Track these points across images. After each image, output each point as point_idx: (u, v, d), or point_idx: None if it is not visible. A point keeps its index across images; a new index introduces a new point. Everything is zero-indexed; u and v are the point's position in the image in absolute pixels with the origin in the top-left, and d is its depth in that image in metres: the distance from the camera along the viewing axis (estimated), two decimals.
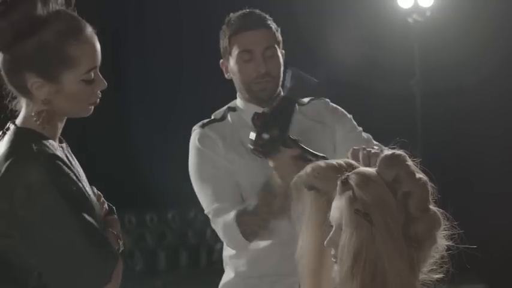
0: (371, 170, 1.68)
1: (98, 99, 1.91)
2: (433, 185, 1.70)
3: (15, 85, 1.86)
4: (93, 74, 1.86)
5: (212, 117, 2.66)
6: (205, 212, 2.60)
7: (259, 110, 2.53)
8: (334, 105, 2.74)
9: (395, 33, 8.02)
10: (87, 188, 1.89)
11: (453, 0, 7.94)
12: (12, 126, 1.87)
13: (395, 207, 1.63)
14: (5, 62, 1.84)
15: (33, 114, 1.84)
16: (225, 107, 2.69)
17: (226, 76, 2.66)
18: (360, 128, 2.71)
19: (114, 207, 2.04)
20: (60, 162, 1.81)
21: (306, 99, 2.71)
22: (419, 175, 1.69)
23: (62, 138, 1.95)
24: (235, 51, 2.57)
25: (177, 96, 8.07)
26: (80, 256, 1.76)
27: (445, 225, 1.71)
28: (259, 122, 2.41)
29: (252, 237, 2.52)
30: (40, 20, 1.80)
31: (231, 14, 2.64)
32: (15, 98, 1.90)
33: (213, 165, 2.57)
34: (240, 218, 2.48)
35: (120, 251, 1.93)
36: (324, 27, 7.99)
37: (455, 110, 7.74)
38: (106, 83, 1.89)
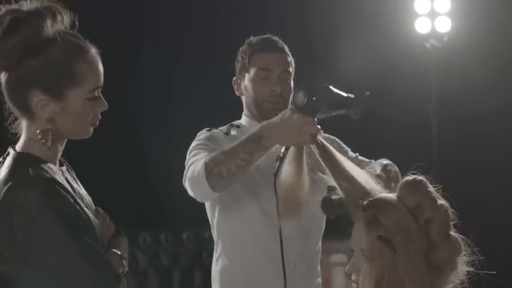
0: (392, 196, 1.69)
1: (98, 121, 1.91)
2: (453, 211, 1.71)
3: (18, 105, 1.86)
4: (96, 94, 1.88)
5: (216, 129, 2.70)
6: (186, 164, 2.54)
7: None
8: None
9: (413, 58, 8.03)
10: (87, 211, 1.87)
11: (471, 25, 7.95)
12: (11, 151, 1.88)
13: (417, 234, 1.64)
14: (10, 81, 1.84)
15: (38, 132, 1.84)
16: (227, 124, 2.74)
17: (237, 93, 2.74)
18: (348, 148, 2.79)
19: (121, 228, 2.04)
20: (57, 186, 1.80)
21: None
22: (441, 201, 1.69)
23: (62, 161, 1.95)
24: (253, 69, 2.66)
25: (196, 116, 8.10)
26: (81, 279, 1.75)
27: (466, 251, 1.72)
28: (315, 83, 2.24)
29: (215, 180, 2.32)
30: (49, 37, 1.82)
31: (252, 37, 2.75)
32: (15, 120, 1.90)
33: (215, 142, 2.57)
34: (210, 157, 2.35)
35: (124, 272, 1.92)
36: (340, 52, 8.01)
37: (472, 137, 7.72)
38: (107, 105, 1.91)
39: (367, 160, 2.74)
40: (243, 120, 2.74)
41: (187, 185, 2.50)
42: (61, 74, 1.82)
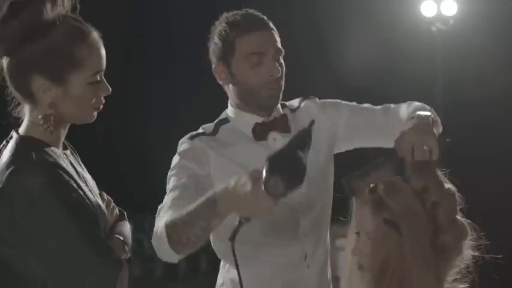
0: (399, 180, 1.68)
1: (101, 105, 1.91)
2: (460, 195, 1.70)
3: (20, 90, 1.85)
4: (98, 78, 1.87)
5: (201, 131, 2.37)
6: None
7: (256, 119, 2.32)
8: (322, 101, 2.48)
9: (419, 42, 8.01)
10: (90, 195, 1.87)
11: (477, 8, 7.91)
12: (14, 135, 1.87)
13: (423, 217, 1.63)
14: (11, 66, 1.83)
15: (40, 117, 1.84)
16: (215, 122, 2.40)
17: (220, 82, 2.37)
18: (354, 103, 2.47)
19: (125, 212, 2.03)
20: (60, 171, 1.80)
21: (295, 102, 2.48)
22: (448, 185, 1.69)
23: (66, 144, 1.95)
24: (241, 54, 2.29)
25: (200, 101, 8.10)
26: (82, 264, 1.75)
27: (472, 235, 1.71)
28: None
29: (177, 247, 2.05)
30: (49, 21, 1.81)
31: (229, 14, 2.35)
32: (18, 105, 1.90)
33: (187, 172, 2.25)
34: (170, 222, 2.05)
35: (127, 257, 1.91)
36: (346, 36, 7.98)
37: (479, 120, 7.70)
38: (110, 89, 1.90)
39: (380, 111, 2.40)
40: (231, 112, 2.39)
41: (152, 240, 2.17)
42: (62, 59, 1.81)
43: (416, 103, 2.34)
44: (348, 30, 8.00)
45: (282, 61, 2.33)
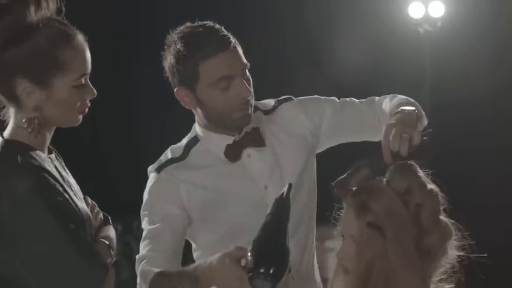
0: (382, 182, 1.68)
1: (87, 108, 1.90)
2: (444, 195, 1.71)
3: (4, 93, 1.85)
4: (83, 81, 1.86)
5: (170, 157, 2.23)
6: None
7: (227, 140, 2.20)
8: (300, 101, 2.35)
9: (406, 43, 8.02)
10: (75, 199, 1.86)
11: (464, 10, 7.93)
12: None
13: (407, 219, 1.64)
14: None
15: (23, 120, 1.83)
16: (184, 141, 2.26)
17: (186, 107, 2.21)
18: (335, 98, 2.36)
19: (109, 217, 2.02)
20: (45, 174, 1.79)
21: (270, 102, 2.35)
22: (431, 186, 1.69)
23: (51, 148, 1.94)
24: (208, 80, 2.11)
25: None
26: (68, 268, 1.74)
27: (456, 235, 1.72)
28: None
29: None
30: (32, 24, 1.80)
31: (185, 32, 2.14)
32: (3, 108, 1.89)
33: (159, 213, 2.17)
34: (154, 283, 2.04)
35: (112, 261, 1.91)
36: (333, 37, 7.99)
37: (466, 121, 7.73)
38: (95, 92, 1.89)
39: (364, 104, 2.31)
40: (200, 131, 2.24)
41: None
42: (46, 62, 1.80)
43: (401, 96, 2.25)
44: (336, 31, 8.00)
45: (248, 75, 2.17)
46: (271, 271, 1.71)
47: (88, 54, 1.87)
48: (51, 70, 1.81)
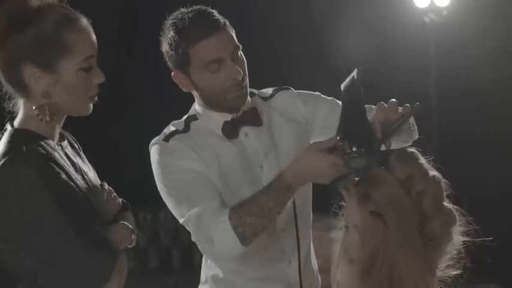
0: (384, 170, 1.67)
1: (96, 95, 1.89)
2: (446, 181, 1.70)
3: (12, 81, 1.84)
4: (90, 64, 1.85)
5: (173, 129, 2.27)
6: (182, 221, 2.17)
7: (225, 117, 2.25)
8: (298, 93, 2.42)
9: (412, 32, 8.00)
10: (85, 186, 1.85)
11: None
12: (9, 127, 1.86)
13: (410, 207, 1.63)
14: (1, 57, 1.82)
15: (34, 108, 1.83)
16: (183, 118, 2.31)
17: (184, 89, 2.26)
18: (329, 98, 2.41)
19: (128, 203, 2.02)
20: (51, 163, 1.78)
21: (269, 91, 2.42)
22: (433, 173, 1.68)
23: (64, 134, 1.93)
24: (199, 63, 2.16)
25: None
26: (74, 257, 1.74)
27: (461, 221, 1.71)
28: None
29: (249, 241, 2.07)
30: (35, 10, 1.80)
31: (177, 18, 2.18)
32: (11, 99, 1.89)
33: (181, 170, 2.18)
34: (237, 218, 2.04)
35: (132, 245, 1.91)
36: (339, 27, 7.98)
37: (471, 110, 7.71)
38: (104, 76, 1.88)
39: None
40: (199, 109, 2.29)
41: (202, 243, 2.14)
42: (51, 46, 1.80)
43: None
44: (341, 21, 7.99)
45: (241, 56, 2.20)
46: (363, 149, 1.78)
47: (93, 36, 1.86)
48: (56, 53, 1.81)
